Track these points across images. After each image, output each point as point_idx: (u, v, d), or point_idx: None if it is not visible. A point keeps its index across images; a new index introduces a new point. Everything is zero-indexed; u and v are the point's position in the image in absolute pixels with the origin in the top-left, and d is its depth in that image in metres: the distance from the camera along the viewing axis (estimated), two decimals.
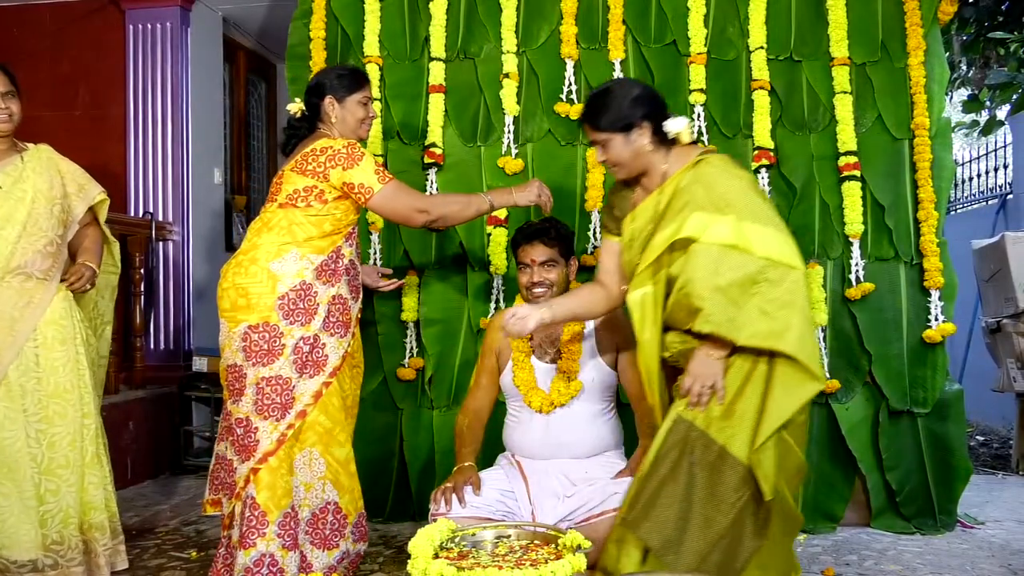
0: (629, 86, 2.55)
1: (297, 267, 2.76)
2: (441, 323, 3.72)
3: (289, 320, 2.73)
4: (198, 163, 5.35)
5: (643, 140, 2.44)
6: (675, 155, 2.48)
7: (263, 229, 2.82)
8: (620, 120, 2.43)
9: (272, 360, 2.71)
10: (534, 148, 3.75)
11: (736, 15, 3.72)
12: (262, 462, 2.68)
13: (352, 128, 2.91)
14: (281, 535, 2.67)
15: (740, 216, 2.29)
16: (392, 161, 3.79)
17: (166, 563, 3.23)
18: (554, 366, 2.93)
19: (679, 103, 3.69)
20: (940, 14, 3.69)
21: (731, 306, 2.25)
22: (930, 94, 3.64)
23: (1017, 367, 4.91)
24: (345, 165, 2.76)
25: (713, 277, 2.25)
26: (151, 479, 4.54)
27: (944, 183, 3.64)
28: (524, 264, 2.94)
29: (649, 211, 2.47)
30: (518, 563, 2.19)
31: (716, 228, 2.28)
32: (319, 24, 3.87)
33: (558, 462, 2.89)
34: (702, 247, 2.27)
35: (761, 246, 2.27)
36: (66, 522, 2.91)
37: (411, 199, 2.88)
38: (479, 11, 3.82)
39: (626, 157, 2.47)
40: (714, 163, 2.42)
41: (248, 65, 6.30)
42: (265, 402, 2.70)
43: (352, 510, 2.87)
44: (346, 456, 2.85)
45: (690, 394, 2.32)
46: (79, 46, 5.26)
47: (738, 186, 2.36)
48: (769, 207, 2.40)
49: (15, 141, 3.07)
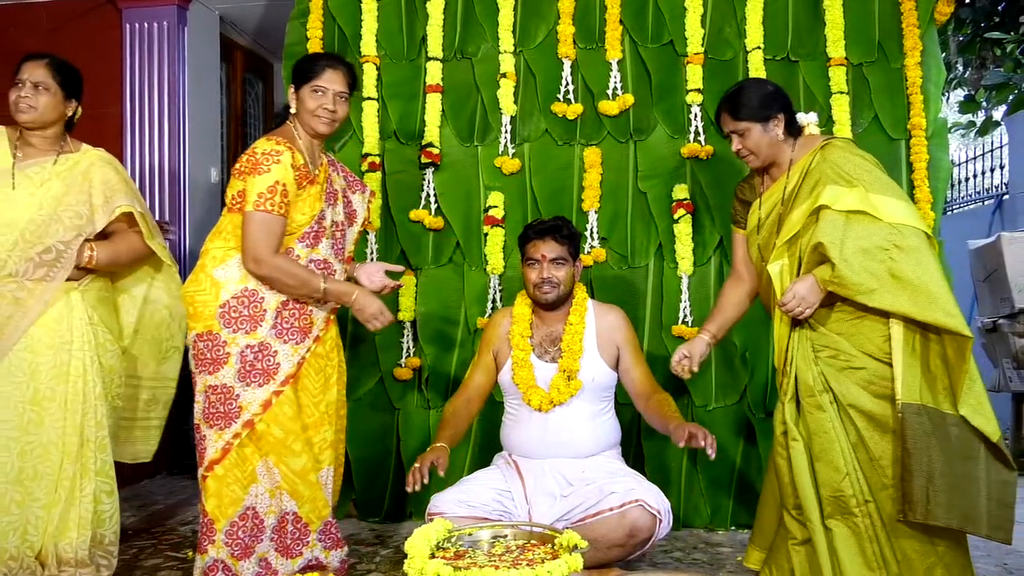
0: (764, 83, 2.80)
1: (240, 273, 2.68)
2: (438, 323, 3.72)
3: (231, 328, 2.66)
4: (195, 162, 5.33)
5: (778, 130, 2.66)
6: (800, 144, 2.70)
7: (215, 234, 2.77)
8: (759, 111, 2.64)
9: (217, 368, 2.66)
10: (531, 148, 3.75)
11: (733, 15, 3.73)
12: (208, 470, 2.66)
13: (308, 121, 2.76)
14: (229, 543, 2.65)
15: (868, 188, 2.48)
16: (389, 161, 3.79)
17: (163, 563, 3.23)
18: (555, 365, 2.94)
19: (676, 103, 3.69)
20: (937, 15, 3.70)
21: (862, 272, 2.40)
22: (926, 94, 3.64)
23: (1013, 367, 4.92)
24: (248, 171, 2.65)
25: (842, 243, 2.42)
26: (148, 479, 4.54)
27: (940, 183, 3.65)
28: (534, 260, 2.94)
29: (776, 196, 2.68)
30: (515, 563, 2.19)
31: (846, 198, 2.47)
32: (316, 23, 3.87)
33: (555, 461, 2.89)
34: (832, 213, 2.47)
35: (888, 214, 2.45)
36: (24, 538, 2.75)
37: (260, 243, 2.62)
38: (476, 11, 3.82)
39: (763, 145, 2.67)
40: (839, 145, 2.63)
41: (245, 64, 6.28)
42: (211, 411, 2.67)
43: (315, 519, 2.77)
44: (303, 466, 2.73)
45: (783, 305, 2.51)
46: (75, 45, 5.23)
47: (863, 164, 2.55)
48: (895, 183, 2.58)
49: (63, 140, 2.96)
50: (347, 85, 2.79)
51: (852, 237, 2.42)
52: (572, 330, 2.94)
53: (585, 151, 3.70)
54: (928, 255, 2.41)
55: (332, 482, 2.87)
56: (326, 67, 2.76)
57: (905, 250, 2.40)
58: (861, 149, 2.64)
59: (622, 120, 3.70)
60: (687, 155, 3.65)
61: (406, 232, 3.75)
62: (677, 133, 3.68)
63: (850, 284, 2.40)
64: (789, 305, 2.50)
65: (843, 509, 2.47)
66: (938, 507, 2.35)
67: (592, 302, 3.05)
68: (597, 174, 3.67)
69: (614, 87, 3.71)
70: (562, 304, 2.98)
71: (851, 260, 2.40)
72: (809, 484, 2.50)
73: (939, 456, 2.36)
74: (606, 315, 3.02)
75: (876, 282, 2.39)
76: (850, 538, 2.46)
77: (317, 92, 2.74)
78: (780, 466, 2.60)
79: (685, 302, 3.59)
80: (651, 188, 3.67)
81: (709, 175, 3.64)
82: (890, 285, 2.39)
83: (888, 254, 2.40)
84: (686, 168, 3.67)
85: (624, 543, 2.68)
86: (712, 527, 3.59)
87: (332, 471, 2.87)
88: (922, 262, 2.39)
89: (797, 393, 2.55)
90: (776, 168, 2.71)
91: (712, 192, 3.62)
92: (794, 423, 2.55)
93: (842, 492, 2.46)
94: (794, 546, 2.58)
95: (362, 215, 3.04)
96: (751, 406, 3.57)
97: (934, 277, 2.38)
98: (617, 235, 3.68)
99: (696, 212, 3.62)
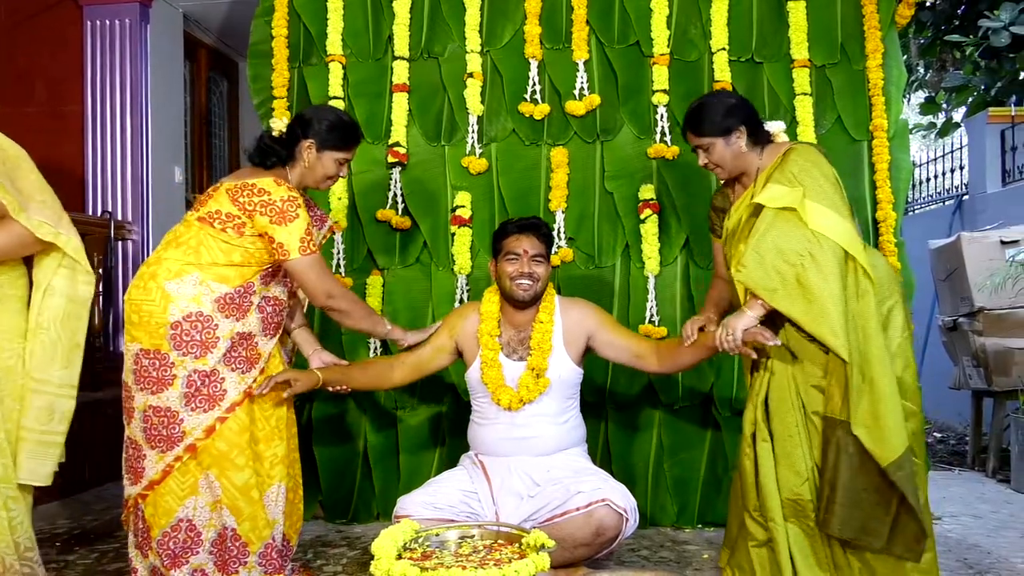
0: (724, 97, 2.81)
1: (194, 291, 2.61)
2: (405, 323, 3.68)
3: (181, 351, 2.59)
4: (158, 161, 5.28)
5: (740, 142, 2.68)
6: (768, 152, 2.72)
7: (172, 242, 2.69)
8: (719, 126, 2.67)
9: (161, 389, 2.59)
10: (498, 148, 3.75)
11: (698, 17, 3.75)
12: (149, 489, 2.62)
13: (315, 180, 2.78)
14: (160, 552, 2.61)
15: (807, 192, 2.49)
16: (356, 161, 3.74)
17: (125, 567, 3.17)
18: (523, 363, 2.94)
19: (642, 103, 3.71)
20: (897, 17, 3.75)
21: (771, 269, 2.43)
22: (888, 96, 3.69)
23: (973, 365, 5.00)
24: (274, 219, 2.63)
25: (762, 236, 2.46)
26: (111, 482, 4.48)
27: (902, 184, 3.70)
28: (514, 254, 2.95)
29: (745, 203, 2.67)
30: (482, 563, 2.19)
31: (783, 197, 2.50)
32: (281, 22, 3.83)
33: (521, 459, 2.90)
34: (767, 210, 2.51)
35: (814, 221, 2.45)
36: None
37: (326, 280, 2.75)
38: (443, 10, 3.81)
39: (727, 158, 2.70)
40: (799, 150, 2.63)
41: (209, 63, 6.23)
42: (152, 432, 2.60)
43: (255, 539, 2.68)
44: (244, 481, 2.65)
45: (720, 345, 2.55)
46: (35, 42, 5.16)
47: (810, 170, 2.55)
48: (841, 199, 2.54)
49: None
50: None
51: (774, 233, 2.46)
52: (541, 328, 2.95)
53: (552, 151, 3.71)
54: (835, 273, 2.40)
55: (284, 502, 2.77)
56: (358, 142, 2.87)
57: (817, 261, 2.40)
58: (823, 156, 2.63)
59: (589, 120, 3.71)
60: (653, 155, 3.67)
61: (373, 232, 3.73)
62: (643, 133, 3.70)
63: (755, 278, 2.45)
64: (721, 337, 2.54)
65: (800, 512, 2.50)
66: (833, 516, 2.42)
67: (558, 298, 3.06)
68: (564, 174, 3.67)
69: (581, 87, 3.72)
70: (534, 303, 2.99)
71: (764, 255, 2.45)
72: (774, 484, 2.53)
73: (845, 470, 2.40)
74: (570, 310, 3.03)
75: (780, 283, 2.43)
76: (804, 540, 2.51)
77: (341, 163, 2.82)
78: (745, 467, 2.62)
79: (652, 301, 3.61)
80: (618, 188, 3.68)
81: (675, 175, 3.66)
82: (792, 290, 2.42)
83: (801, 260, 2.41)
84: (652, 168, 3.69)
85: (591, 542, 2.69)
86: (679, 525, 3.61)
87: (283, 489, 2.78)
88: (828, 277, 2.39)
89: (768, 394, 2.58)
90: (746, 177, 2.74)
91: (678, 192, 3.64)
92: (764, 423, 2.57)
93: (800, 496, 2.49)
94: (754, 547, 2.60)
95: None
96: (717, 405, 3.59)
97: (833, 295, 2.38)
98: (584, 235, 3.69)
99: (662, 212, 3.64)
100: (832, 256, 2.41)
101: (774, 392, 2.56)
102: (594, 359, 3.13)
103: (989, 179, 7.05)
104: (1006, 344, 4.78)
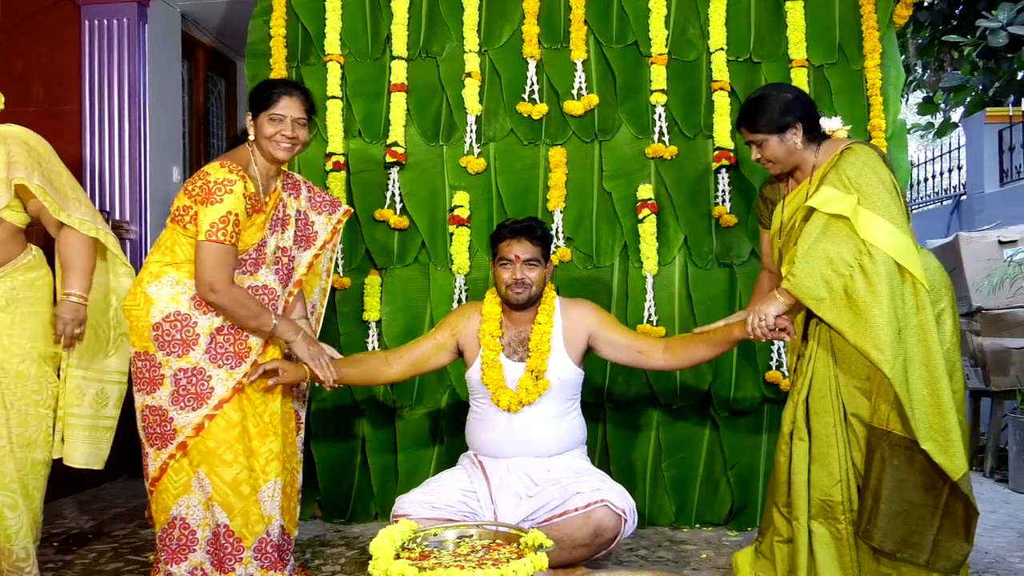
0: (783, 91, 2.72)
1: (172, 292, 2.66)
2: (403, 323, 3.70)
3: (165, 351, 2.65)
4: (156, 161, 5.27)
5: (796, 139, 2.63)
6: (824, 149, 2.66)
7: (155, 246, 2.75)
8: (775, 123, 2.62)
9: (154, 389, 2.66)
10: (496, 148, 3.75)
11: (696, 17, 3.75)
12: (152, 486, 2.72)
13: (264, 147, 2.73)
14: (161, 548, 2.71)
15: (862, 200, 2.43)
16: (354, 160, 3.77)
17: (123, 567, 3.18)
18: (523, 365, 2.94)
19: (640, 103, 3.71)
20: (895, 17, 3.75)
21: (819, 278, 2.40)
22: (886, 96, 3.69)
23: (971, 365, 5.00)
24: (201, 199, 2.63)
25: (813, 243, 2.42)
26: (109, 482, 4.47)
27: (900, 184, 3.69)
28: (507, 260, 2.93)
29: (799, 200, 2.64)
30: (480, 562, 2.19)
31: (836, 202, 2.44)
32: (279, 21, 3.83)
33: (521, 460, 2.90)
34: (818, 215, 2.46)
35: (867, 231, 2.39)
36: None
37: (215, 272, 2.59)
38: (441, 10, 3.81)
39: (780, 155, 2.66)
40: (856, 152, 2.55)
41: (207, 62, 6.22)
42: (149, 430, 2.69)
43: (247, 534, 2.70)
44: (234, 477, 2.67)
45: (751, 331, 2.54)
46: (33, 41, 5.15)
47: (869, 176, 2.48)
48: (898, 207, 2.47)
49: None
50: (305, 111, 2.78)
51: (825, 242, 2.41)
52: (540, 330, 2.94)
53: (550, 151, 3.71)
54: (884, 286, 2.34)
55: (279, 498, 2.78)
56: (282, 94, 2.74)
57: (867, 273, 2.36)
58: (881, 160, 2.56)
59: (587, 120, 3.71)
60: (651, 155, 3.67)
61: (371, 232, 3.73)
62: (641, 133, 3.70)
63: (803, 286, 2.41)
64: (752, 323, 2.53)
65: (828, 513, 2.49)
66: (875, 528, 2.40)
67: (559, 299, 3.05)
68: (562, 174, 3.67)
69: (579, 87, 3.72)
70: (533, 304, 2.98)
71: (813, 263, 2.41)
72: (804, 484, 2.52)
73: (890, 481, 2.38)
74: (570, 310, 3.02)
75: (827, 292, 2.40)
76: (830, 542, 2.50)
77: (274, 120, 2.72)
78: (780, 463, 2.63)
79: (650, 301, 3.61)
80: (616, 188, 3.68)
81: (673, 175, 3.66)
82: (839, 300, 2.39)
83: (851, 270, 2.38)
84: (650, 168, 3.69)
85: (589, 543, 2.69)
86: (677, 525, 3.61)
87: (279, 485, 2.78)
88: (876, 291, 2.34)
89: (809, 394, 2.56)
90: (800, 172, 2.69)
91: (676, 192, 3.64)
92: (804, 422, 2.56)
93: (831, 497, 2.48)
94: (778, 542, 2.62)
95: (323, 237, 3.01)
96: (715, 405, 3.59)
97: (881, 308, 2.33)
98: (582, 235, 3.69)
99: (660, 212, 3.64)
100: (882, 268, 2.36)
101: (815, 392, 2.54)
102: (592, 360, 3.13)
103: (987, 179, 7.06)
104: (1004, 344, 4.78)
